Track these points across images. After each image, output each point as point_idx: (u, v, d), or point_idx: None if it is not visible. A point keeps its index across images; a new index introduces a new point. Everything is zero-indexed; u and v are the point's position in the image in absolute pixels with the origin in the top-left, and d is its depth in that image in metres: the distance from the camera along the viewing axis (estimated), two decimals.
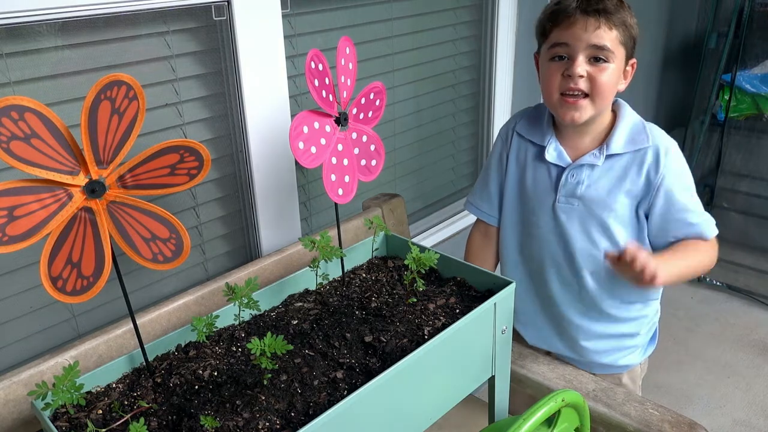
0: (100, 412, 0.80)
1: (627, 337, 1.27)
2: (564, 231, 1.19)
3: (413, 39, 1.71)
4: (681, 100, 2.98)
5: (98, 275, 0.75)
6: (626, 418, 1.15)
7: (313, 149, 0.92)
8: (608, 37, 1.05)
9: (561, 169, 1.18)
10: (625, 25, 1.07)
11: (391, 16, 1.62)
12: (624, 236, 1.17)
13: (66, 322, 1.16)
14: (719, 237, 1.17)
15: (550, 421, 0.90)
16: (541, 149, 1.20)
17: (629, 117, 1.17)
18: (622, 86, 1.13)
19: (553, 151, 1.19)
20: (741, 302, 2.62)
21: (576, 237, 1.19)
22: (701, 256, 1.15)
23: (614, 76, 1.09)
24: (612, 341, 1.27)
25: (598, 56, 1.06)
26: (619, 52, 1.08)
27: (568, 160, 1.18)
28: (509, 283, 0.98)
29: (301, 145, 0.90)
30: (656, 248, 1.18)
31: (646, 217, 1.16)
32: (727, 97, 2.58)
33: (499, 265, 1.39)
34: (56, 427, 0.76)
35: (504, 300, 0.97)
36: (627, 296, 1.23)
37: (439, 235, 1.95)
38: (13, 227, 0.68)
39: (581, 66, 1.06)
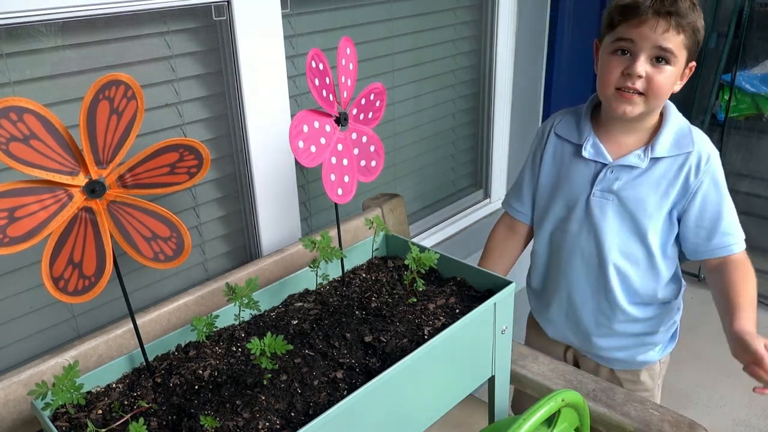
0: (100, 412, 0.80)
1: (645, 335, 1.28)
2: (596, 224, 1.20)
3: (413, 39, 1.71)
4: (681, 100, 2.98)
5: (100, 275, 0.75)
6: (626, 418, 1.15)
7: (313, 148, 0.92)
8: (674, 40, 1.05)
9: (600, 166, 1.19)
10: (693, 30, 1.07)
11: (391, 16, 1.62)
12: (655, 237, 1.18)
13: (66, 322, 1.16)
14: None
15: (550, 421, 0.90)
16: (578, 147, 1.21)
17: (676, 119, 1.17)
18: (677, 87, 1.13)
19: (591, 148, 1.19)
20: None
21: (606, 231, 1.19)
22: (751, 283, 1.16)
23: (672, 78, 1.09)
24: (629, 339, 1.28)
25: (660, 56, 1.07)
26: (681, 56, 1.08)
27: (608, 158, 1.18)
28: (509, 283, 0.98)
29: (300, 144, 0.90)
30: (690, 254, 1.20)
31: (679, 222, 1.17)
32: (727, 97, 2.58)
33: (519, 259, 1.40)
34: (56, 427, 0.76)
35: (504, 300, 0.97)
36: (649, 296, 1.24)
37: (438, 235, 1.95)
38: (13, 228, 0.68)
39: (642, 66, 1.06)
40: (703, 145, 1.15)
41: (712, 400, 2.16)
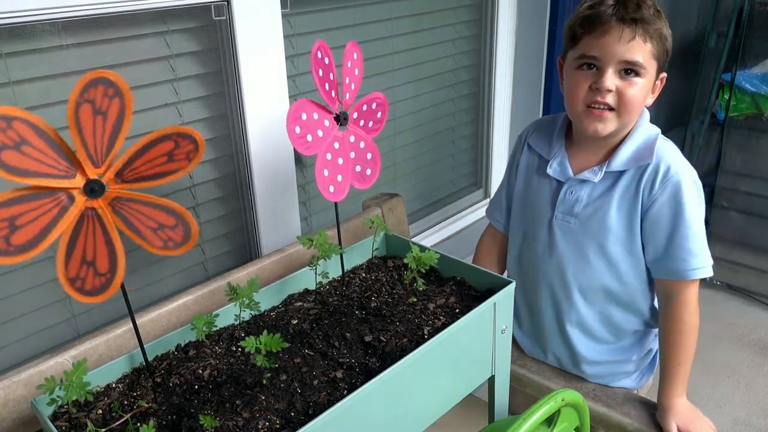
0: (100, 411, 0.80)
1: (617, 363, 1.23)
2: (557, 248, 1.16)
3: (413, 39, 1.71)
4: (681, 99, 2.98)
5: (114, 271, 0.75)
6: (626, 418, 1.15)
7: (309, 137, 0.91)
8: (642, 51, 1.00)
9: (561, 184, 1.15)
10: (661, 38, 1.03)
11: (391, 15, 1.62)
12: (621, 255, 1.12)
13: (66, 322, 1.16)
14: (719, 237, 1.15)
15: (550, 420, 0.90)
16: (545, 163, 1.17)
17: (644, 131, 1.10)
18: (650, 100, 1.08)
19: (557, 166, 1.15)
20: (741, 302, 2.62)
21: (569, 255, 1.16)
22: (687, 342, 1.10)
23: (643, 91, 1.04)
24: (601, 367, 1.24)
25: (628, 69, 1.02)
26: (651, 67, 1.03)
27: (570, 174, 1.14)
28: (509, 282, 0.98)
29: (297, 129, 0.89)
30: (653, 274, 1.13)
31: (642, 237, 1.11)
32: (726, 97, 2.58)
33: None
34: (56, 426, 0.76)
35: (504, 300, 0.97)
36: (617, 321, 1.19)
37: (438, 235, 1.95)
38: (17, 236, 0.67)
39: (610, 80, 1.01)
40: (665, 155, 1.07)
41: (712, 400, 2.16)
